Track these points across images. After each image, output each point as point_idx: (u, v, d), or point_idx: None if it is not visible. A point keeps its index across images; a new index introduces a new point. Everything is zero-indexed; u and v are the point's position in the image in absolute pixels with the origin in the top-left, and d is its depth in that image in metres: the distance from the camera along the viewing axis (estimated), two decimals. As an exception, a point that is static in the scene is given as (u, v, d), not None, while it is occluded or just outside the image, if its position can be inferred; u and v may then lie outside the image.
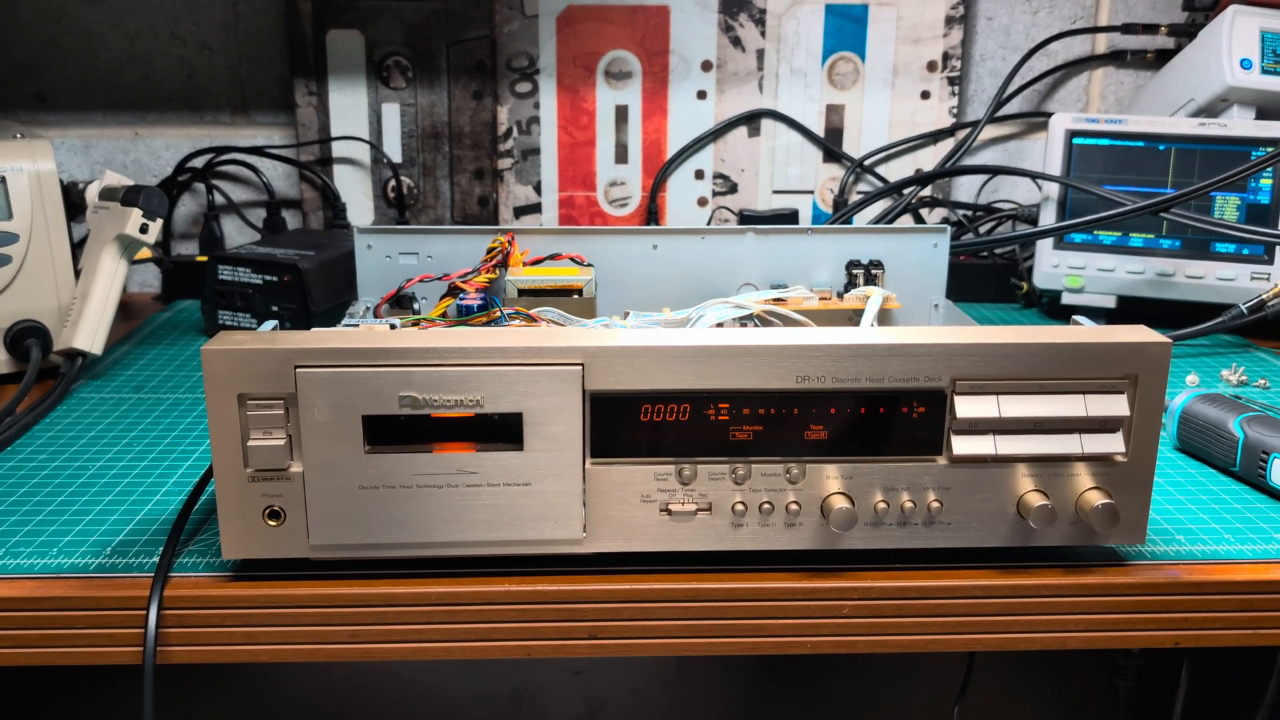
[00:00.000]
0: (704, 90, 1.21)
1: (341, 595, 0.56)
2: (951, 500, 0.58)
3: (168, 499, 0.67)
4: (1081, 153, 1.04)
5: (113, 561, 0.59)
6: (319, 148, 1.20)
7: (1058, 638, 0.59)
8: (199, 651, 0.57)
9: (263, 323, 0.95)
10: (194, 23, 1.19)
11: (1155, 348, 0.56)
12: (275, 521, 0.56)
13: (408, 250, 0.81)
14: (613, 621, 0.57)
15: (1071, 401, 0.56)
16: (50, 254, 0.88)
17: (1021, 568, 0.59)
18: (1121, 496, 0.57)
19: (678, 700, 1.33)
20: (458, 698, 1.31)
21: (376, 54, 1.18)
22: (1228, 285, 1.01)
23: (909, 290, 0.83)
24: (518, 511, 0.56)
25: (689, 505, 0.57)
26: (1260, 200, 1.00)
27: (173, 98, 1.21)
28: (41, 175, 0.88)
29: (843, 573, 0.58)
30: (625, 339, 0.55)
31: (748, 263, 0.82)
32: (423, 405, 0.54)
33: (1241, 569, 0.60)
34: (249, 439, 0.54)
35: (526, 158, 1.21)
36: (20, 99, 1.19)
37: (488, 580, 0.57)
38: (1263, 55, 1.03)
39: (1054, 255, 1.05)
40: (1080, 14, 1.23)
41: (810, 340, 0.56)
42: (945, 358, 0.56)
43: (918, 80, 1.20)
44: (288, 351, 0.54)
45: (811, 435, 0.56)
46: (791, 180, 1.23)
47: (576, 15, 1.18)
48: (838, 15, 1.19)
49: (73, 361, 0.87)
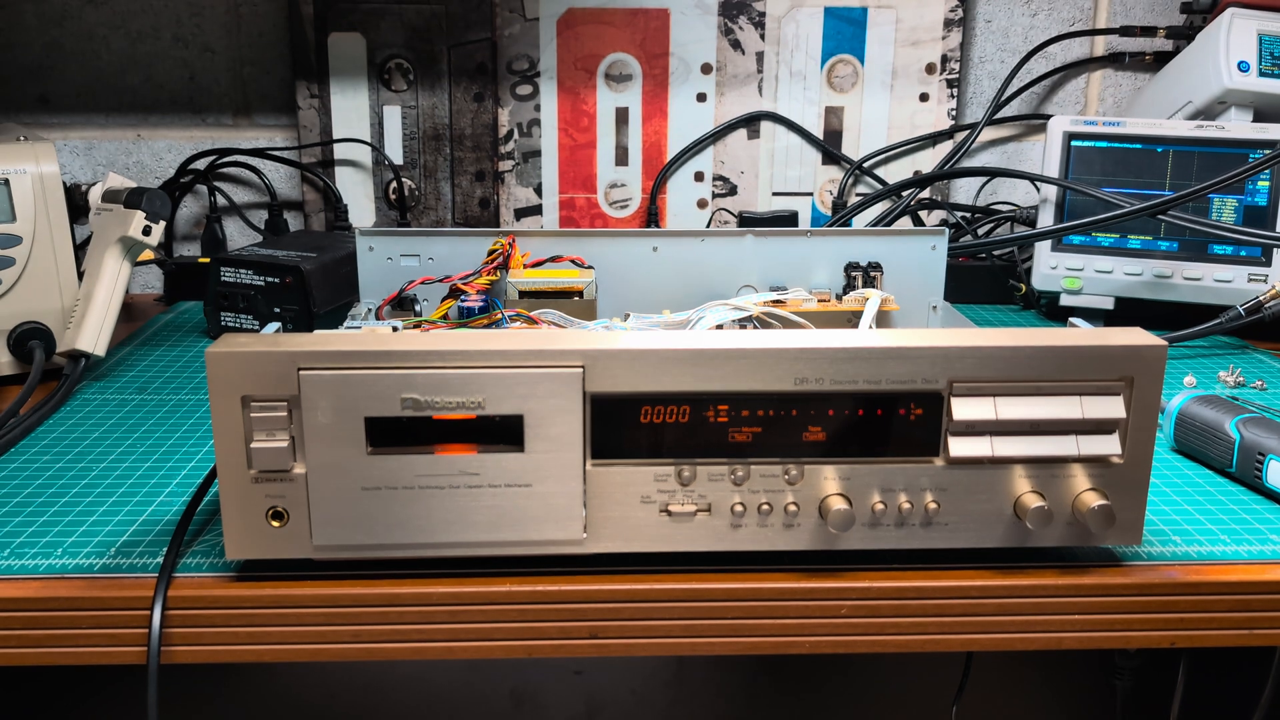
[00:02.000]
0: (704, 93, 1.21)
1: (344, 595, 0.57)
2: (949, 501, 0.58)
3: (171, 500, 0.67)
4: (1080, 155, 1.05)
5: (117, 562, 0.59)
6: (321, 150, 1.21)
7: (1055, 638, 0.59)
8: (203, 651, 0.57)
9: (265, 324, 0.96)
10: (196, 25, 1.19)
11: (1151, 350, 0.56)
12: (278, 522, 0.56)
13: (409, 252, 0.81)
14: (613, 621, 0.58)
15: (1068, 403, 0.57)
16: (53, 256, 0.89)
17: (1019, 568, 0.59)
18: (1118, 498, 0.58)
19: (677, 700, 1.33)
20: (458, 697, 1.31)
21: (378, 56, 1.18)
22: (1225, 287, 1.01)
23: (907, 292, 0.83)
24: (519, 512, 0.57)
25: (688, 506, 0.58)
26: (1258, 202, 1.00)
27: (175, 100, 1.21)
28: (45, 177, 0.88)
29: (841, 573, 0.59)
30: (626, 342, 0.56)
31: (747, 264, 0.83)
32: (425, 407, 0.55)
33: (1238, 570, 0.60)
34: (252, 441, 0.55)
35: (527, 160, 1.22)
36: (23, 101, 1.20)
37: (489, 580, 0.57)
38: (1260, 58, 1.04)
39: (1052, 257, 1.06)
40: (1079, 16, 1.23)
41: (808, 343, 0.56)
42: (942, 360, 0.56)
43: (917, 82, 1.21)
44: (291, 354, 0.54)
45: (810, 437, 0.57)
46: (791, 182, 1.24)
47: (577, 18, 1.19)
48: (837, 18, 1.19)
49: (76, 363, 0.88)
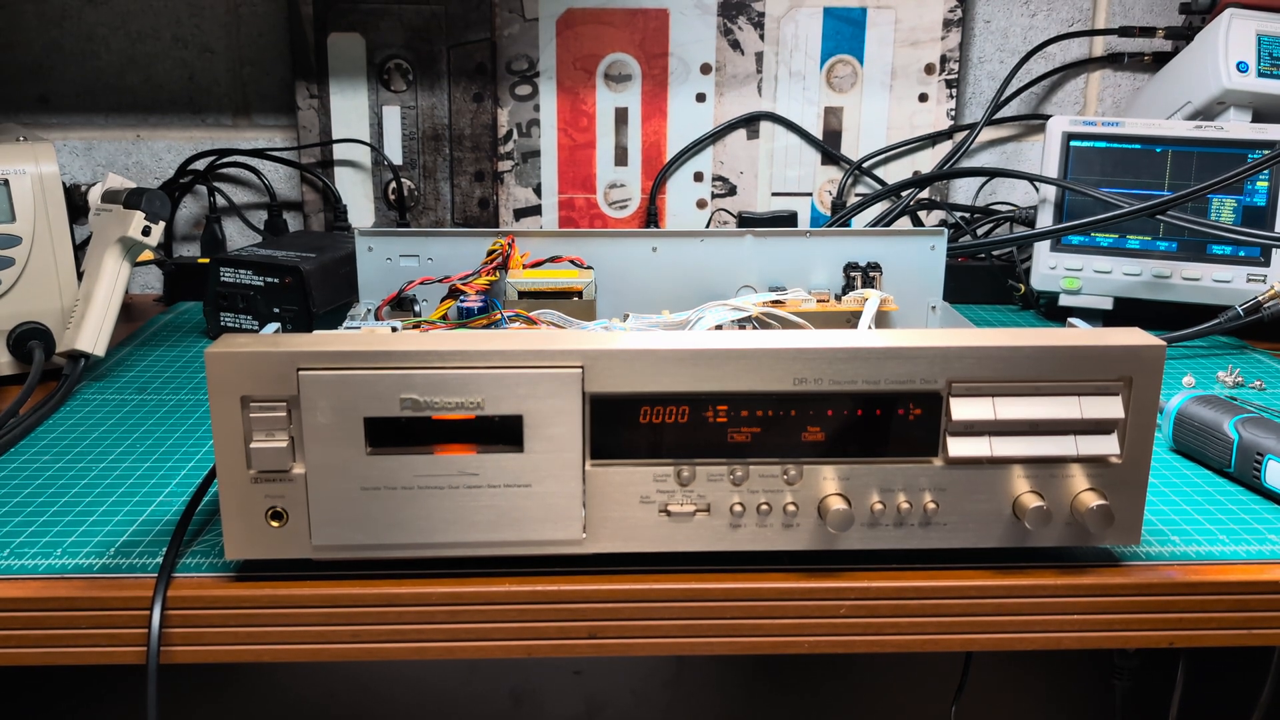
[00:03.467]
0: (703, 93, 1.21)
1: (343, 595, 0.57)
2: (947, 501, 0.58)
3: (170, 500, 0.67)
4: (1079, 155, 1.05)
5: (116, 562, 0.59)
6: (320, 150, 1.21)
7: (1054, 638, 0.59)
8: (202, 651, 0.57)
9: (265, 324, 0.96)
10: (196, 25, 1.19)
11: (1149, 350, 0.56)
12: (278, 522, 0.56)
13: (408, 252, 0.81)
14: (612, 621, 0.58)
15: (1066, 403, 0.57)
16: (53, 256, 0.89)
17: (1017, 568, 0.59)
18: (1116, 498, 0.58)
19: (677, 699, 1.33)
20: (458, 697, 1.31)
21: (377, 57, 1.18)
22: (1224, 287, 1.01)
23: (907, 292, 0.83)
24: (518, 512, 0.57)
25: (688, 506, 0.58)
26: (1257, 202, 1.00)
27: (175, 100, 1.21)
28: (44, 177, 0.88)
29: (840, 573, 0.59)
30: (625, 342, 0.56)
31: (746, 265, 0.83)
32: (424, 407, 0.55)
33: (1236, 570, 0.60)
34: (252, 441, 0.55)
35: (526, 160, 1.22)
36: (23, 101, 1.20)
37: (488, 581, 0.57)
38: (1259, 58, 1.04)
39: (1051, 257, 1.06)
40: (1078, 17, 1.23)
41: (807, 343, 0.56)
42: (941, 360, 0.56)
43: (916, 83, 1.21)
44: (290, 354, 0.54)
45: (809, 437, 0.57)
46: (790, 182, 1.24)
47: (576, 18, 1.19)
48: (836, 18, 1.19)
49: (75, 363, 0.88)
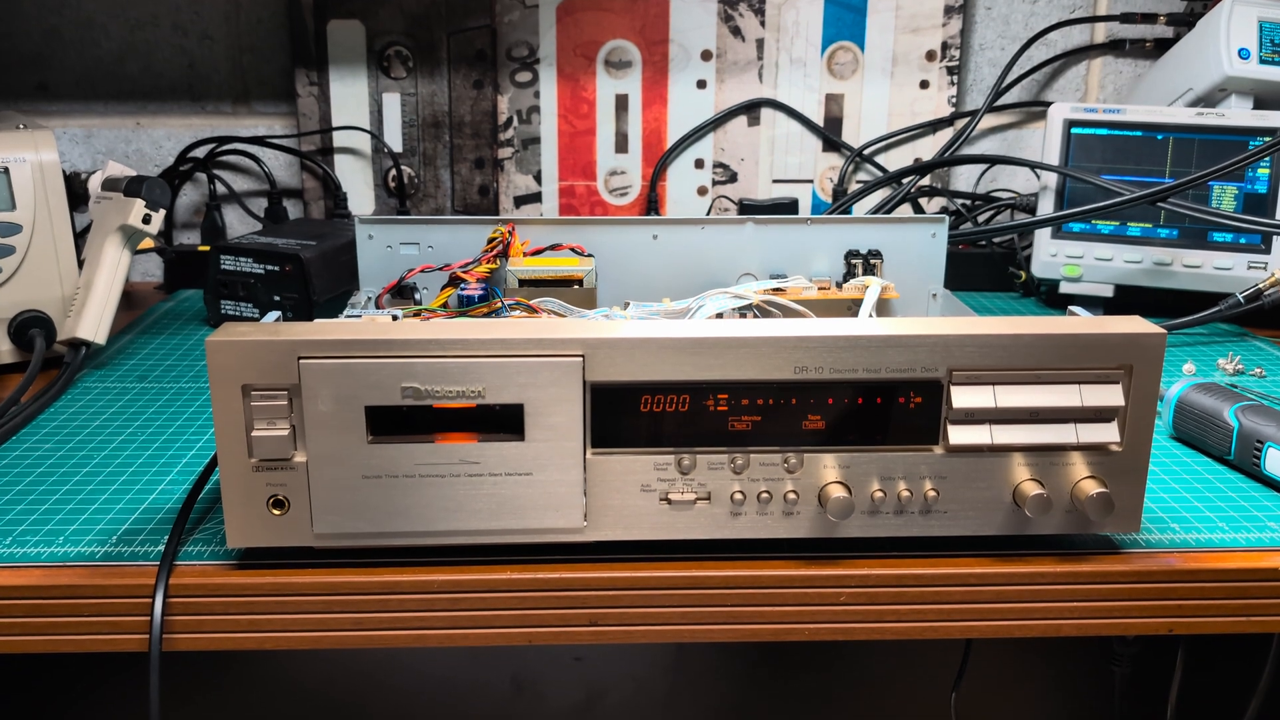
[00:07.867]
0: (704, 79, 1.21)
1: (345, 583, 0.57)
2: (948, 489, 0.58)
3: (172, 488, 0.68)
4: (1080, 142, 1.04)
5: (118, 550, 0.60)
6: (320, 137, 1.21)
7: (1054, 625, 0.59)
8: (204, 639, 0.57)
9: (265, 312, 0.96)
10: (195, 12, 1.19)
11: (1150, 338, 0.56)
12: (279, 510, 0.56)
13: (409, 240, 0.81)
14: (613, 609, 0.58)
15: (1067, 391, 0.57)
16: (53, 244, 0.89)
17: (1017, 556, 0.59)
18: (1117, 485, 0.58)
19: (677, 686, 1.33)
20: (459, 685, 1.32)
21: (377, 44, 1.18)
22: (1225, 274, 1.01)
23: (907, 280, 0.83)
24: (519, 501, 0.57)
25: (688, 494, 0.58)
26: (1258, 190, 1.00)
27: (174, 87, 1.21)
28: (44, 165, 0.88)
29: (840, 561, 0.59)
30: (625, 331, 0.56)
31: (747, 252, 0.82)
32: (425, 396, 0.55)
33: (1236, 557, 0.60)
34: (253, 429, 0.55)
35: (527, 147, 1.22)
36: (22, 89, 1.20)
37: (489, 569, 0.58)
38: (1261, 45, 1.04)
39: (1052, 244, 1.06)
40: (1079, 3, 1.23)
41: (808, 331, 0.56)
42: (941, 348, 0.56)
43: (917, 70, 1.21)
44: (291, 343, 0.54)
45: (809, 425, 0.57)
46: (791, 169, 1.24)
47: (576, 4, 1.18)
48: (837, 5, 1.19)
49: (76, 351, 0.88)
